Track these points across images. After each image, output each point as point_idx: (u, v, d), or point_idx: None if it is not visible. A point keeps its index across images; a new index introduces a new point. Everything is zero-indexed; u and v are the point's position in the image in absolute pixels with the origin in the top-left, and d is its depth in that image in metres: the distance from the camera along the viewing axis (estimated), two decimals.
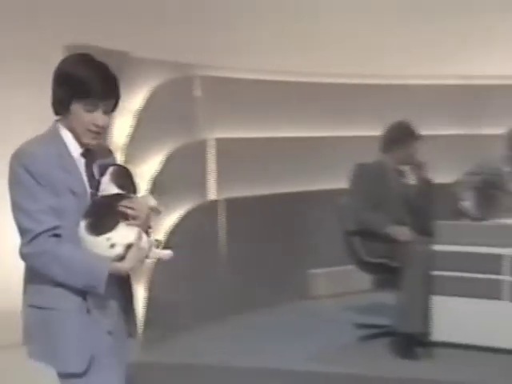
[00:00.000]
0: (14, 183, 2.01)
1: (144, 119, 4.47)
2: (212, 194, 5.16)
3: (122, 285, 2.14)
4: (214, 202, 5.13)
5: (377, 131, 4.56)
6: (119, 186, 2.11)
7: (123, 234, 2.04)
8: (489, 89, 6.19)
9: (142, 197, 2.21)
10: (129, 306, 2.20)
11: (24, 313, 2.11)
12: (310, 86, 5.69)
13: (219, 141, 5.16)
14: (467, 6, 5.70)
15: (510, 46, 5.98)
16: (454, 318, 3.88)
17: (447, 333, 3.90)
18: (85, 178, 2.08)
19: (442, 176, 5.20)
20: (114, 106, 2.09)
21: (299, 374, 3.80)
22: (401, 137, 4.45)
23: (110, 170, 2.14)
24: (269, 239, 5.25)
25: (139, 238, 2.05)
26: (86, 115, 2.03)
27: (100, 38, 3.75)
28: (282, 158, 5.50)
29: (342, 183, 4.46)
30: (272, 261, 5.23)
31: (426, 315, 4.02)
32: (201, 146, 5.08)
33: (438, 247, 3.92)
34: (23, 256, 2.02)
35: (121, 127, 4.29)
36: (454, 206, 4.96)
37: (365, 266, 4.35)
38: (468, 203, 4.97)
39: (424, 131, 4.54)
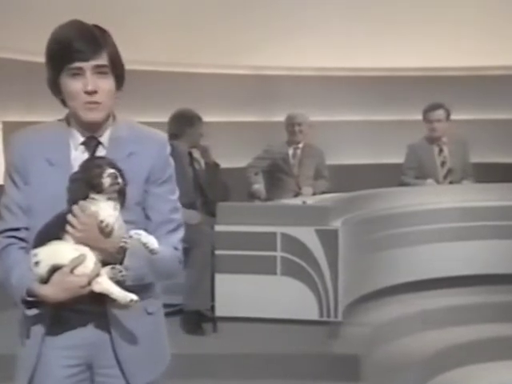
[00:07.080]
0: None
1: None
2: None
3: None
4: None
5: (165, 117, 4.68)
6: (87, 184, 1.68)
7: (54, 252, 1.66)
8: (278, 79, 6.55)
9: (96, 203, 1.69)
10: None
11: None
12: None
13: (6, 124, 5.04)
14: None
15: (298, 40, 6.39)
16: (235, 293, 4.07)
17: (229, 308, 4.09)
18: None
19: (236, 160, 5.45)
20: (112, 70, 1.74)
21: None
22: (189, 122, 4.60)
23: (83, 161, 1.73)
24: None
25: (77, 260, 1.66)
26: (73, 83, 1.70)
27: None
28: None
29: None
30: None
31: (211, 292, 4.20)
32: None
33: (219, 228, 4.09)
34: None
35: None
36: (248, 189, 5.25)
37: None
38: (258, 185, 5.27)
39: (211, 118, 4.74)
